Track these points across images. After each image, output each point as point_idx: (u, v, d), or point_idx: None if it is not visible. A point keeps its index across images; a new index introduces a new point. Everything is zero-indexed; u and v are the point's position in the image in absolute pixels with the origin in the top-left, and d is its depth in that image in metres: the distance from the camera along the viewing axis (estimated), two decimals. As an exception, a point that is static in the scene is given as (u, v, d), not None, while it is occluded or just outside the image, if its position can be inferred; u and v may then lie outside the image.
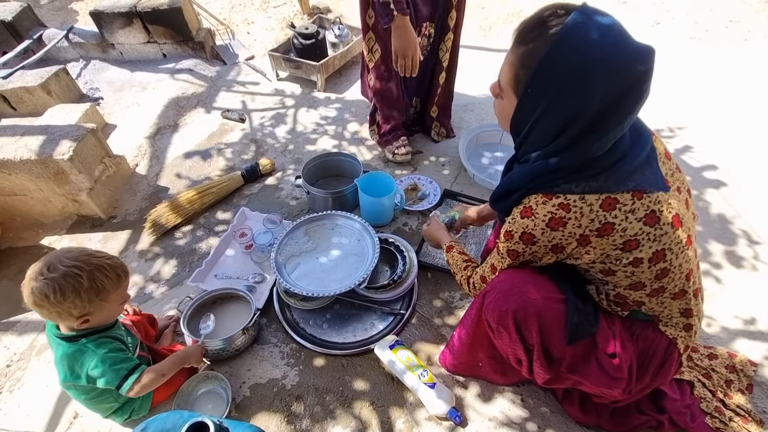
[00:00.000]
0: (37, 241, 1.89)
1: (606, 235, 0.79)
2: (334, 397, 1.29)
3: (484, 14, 3.33)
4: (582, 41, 0.67)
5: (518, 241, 0.88)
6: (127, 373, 1.06)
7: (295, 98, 2.58)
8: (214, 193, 1.92)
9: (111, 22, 2.77)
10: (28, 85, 2.43)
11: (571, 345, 0.92)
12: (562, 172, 0.78)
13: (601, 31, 0.67)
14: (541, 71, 0.71)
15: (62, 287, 0.94)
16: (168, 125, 2.43)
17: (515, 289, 0.93)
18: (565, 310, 0.90)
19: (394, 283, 1.44)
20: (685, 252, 0.83)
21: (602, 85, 0.68)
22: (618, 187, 0.77)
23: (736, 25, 3.01)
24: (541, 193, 0.81)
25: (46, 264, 0.96)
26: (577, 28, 0.68)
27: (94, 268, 0.99)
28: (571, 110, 0.71)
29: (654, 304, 0.90)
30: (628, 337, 0.95)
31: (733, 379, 1.24)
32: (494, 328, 0.99)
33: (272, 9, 3.59)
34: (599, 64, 0.67)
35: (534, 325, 0.91)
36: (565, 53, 0.68)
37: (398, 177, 1.99)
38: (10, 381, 1.42)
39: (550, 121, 0.75)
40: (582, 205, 0.78)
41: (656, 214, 0.78)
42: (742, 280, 1.57)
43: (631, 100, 0.70)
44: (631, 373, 0.94)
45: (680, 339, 0.95)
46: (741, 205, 1.84)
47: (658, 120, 2.30)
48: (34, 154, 1.71)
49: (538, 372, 0.98)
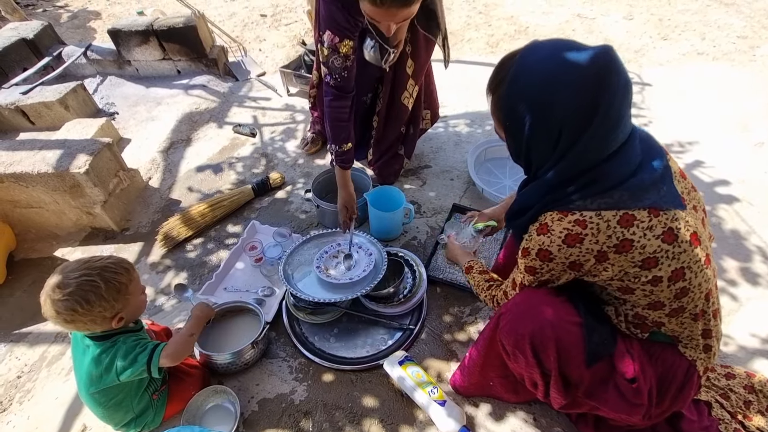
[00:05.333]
0: (50, 253, 1.92)
1: (625, 252, 0.78)
2: (342, 413, 1.27)
3: (491, 31, 3.38)
4: (530, 72, 0.76)
5: (535, 258, 0.87)
6: (154, 347, 1.11)
7: (304, 113, 2.62)
8: (225, 207, 1.94)
9: (128, 39, 2.85)
10: (46, 101, 2.50)
11: (590, 367, 0.89)
12: (575, 185, 0.79)
13: (544, 58, 0.75)
14: (509, 109, 0.81)
15: (85, 296, 0.97)
16: (181, 140, 2.48)
17: (531, 311, 0.92)
18: (583, 333, 0.88)
19: (405, 297, 1.43)
20: (704, 271, 0.82)
21: (566, 96, 0.73)
22: (635, 203, 0.77)
23: (744, 41, 3.02)
24: (557, 211, 0.82)
25: (56, 285, 0.98)
26: (524, 61, 0.77)
27: (101, 270, 1.02)
28: (553, 125, 0.75)
29: (674, 324, 0.88)
30: (647, 360, 0.92)
31: (752, 399, 1.20)
32: (510, 351, 0.97)
33: (284, 27, 3.69)
34: (552, 82, 0.73)
35: (552, 348, 0.89)
36: (521, 86, 0.77)
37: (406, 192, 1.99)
38: (20, 392, 1.43)
39: (541, 141, 0.79)
40: (599, 222, 0.78)
41: (674, 232, 0.77)
42: (759, 297, 1.54)
43: (605, 96, 0.72)
44: (651, 398, 0.91)
45: (699, 361, 0.93)
46: (755, 220, 1.82)
47: (668, 135, 2.29)
48: (51, 168, 1.74)
49: (554, 397, 0.96)
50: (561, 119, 0.74)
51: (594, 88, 0.71)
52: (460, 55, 3.09)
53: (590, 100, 0.71)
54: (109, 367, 1.07)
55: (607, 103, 0.72)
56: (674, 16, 3.39)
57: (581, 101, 0.72)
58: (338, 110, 1.50)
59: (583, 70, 0.71)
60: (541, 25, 3.42)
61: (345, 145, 1.54)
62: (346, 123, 1.53)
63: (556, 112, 0.74)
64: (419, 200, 1.98)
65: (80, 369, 1.10)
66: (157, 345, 1.11)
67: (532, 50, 0.78)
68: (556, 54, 0.74)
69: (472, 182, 2.00)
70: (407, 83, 1.77)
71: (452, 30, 3.37)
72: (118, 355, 1.07)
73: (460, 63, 2.99)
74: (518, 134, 0.81)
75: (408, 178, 2.09)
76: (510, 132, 0.84)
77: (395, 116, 1.86)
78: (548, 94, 0.74)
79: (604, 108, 0.72)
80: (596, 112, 0.72)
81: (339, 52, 1.40)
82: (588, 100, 0.71)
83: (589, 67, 0.71)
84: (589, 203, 0.78)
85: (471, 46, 3.22)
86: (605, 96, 0.71)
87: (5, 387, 1.45)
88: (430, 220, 1.89)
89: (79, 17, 4.23)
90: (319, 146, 2.29)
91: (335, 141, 1.53)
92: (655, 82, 2.71)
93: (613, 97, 0.72)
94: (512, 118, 0.81)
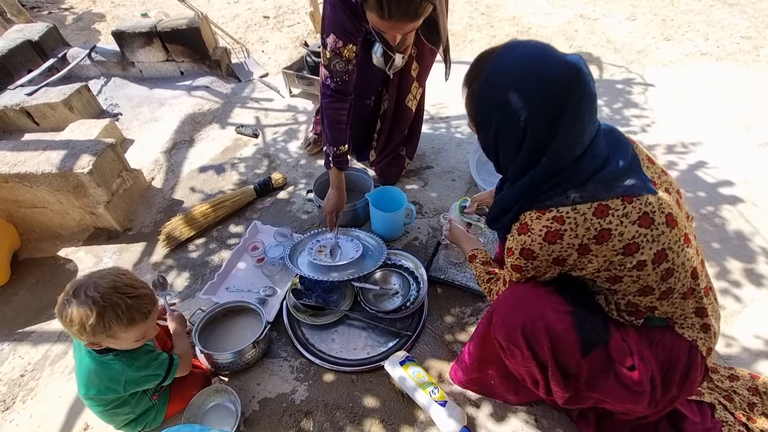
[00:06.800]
0: (54, 253, 1.93)
1: (604, 241, 0.81)
2: (343, 413, 1.27)
3: (493, 32, 3.38)
4: (504, 71, 0.79)
5: (519, 257, 0.90)
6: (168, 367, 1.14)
7: (307, 114, 2.63)
8: (227, 207, 1.95)
9: (132, 41, 2.87)
10: (51, 102, 2.51)
11: (586, 356, 0.90)
12: (549, 184, 0.82)
13: (519, 58, 0.78)
14: (480, 104, 0.85)
15: (72, 314, 0.96)
16: (184, 140, 2.49)
17: (520, 303, 0.94)
18: (573, 320, 0.89)
19: (406, 308, 1.43)
20: (685, 250, 0.85)
21: (533, 100, 0.76)
22: (607, 193, 0.80)
23: (748, 41, 3.01)
24: (535, 209, 0.85)
25: (78, 284, 0.99)
26: (498, 61, 0.80)
27: (109, 306, 0.96)
28: (518, 126, 0.79)
29: (666, 306, 0.90)
30: (647, 346, 0.92)
31: (756, 401, 1.19)
32: (505, 347, 0.98)
33: (286, 28, 3.70)
34: (522, 85, 0.76)
35: (545, 338, 0.90)
36: (493, 85, 0.80)
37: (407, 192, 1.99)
38: (23, 391, 1.43)
39: (507, 139, 0.83)
40: (575, 216, 0.80)
41: (649, 216, 0.80)
42: (763, 298, 1.53)
43: (572, 105, 0.75)
44: (655, 385, 0.91)
45: (700, 341, 0.93)
46: (759, 221, 1.80)
47: (671, 136, 2.28)
48: (55, 168, 1.76)
49: (556, 391, 0.96)
50: (525, 121, 0.77)
51: (560, 97, 0.75)
52: (462, 56, 3.09)
53: (556, 108, 0.75)
54: (112, 387, 1.07)
55: (572, 113, 0.76)
56: (677, 17, 3.37)
57: (547, 109, 0.76)
58: (337, 112, 1.51)
59: (552, 80, 0.75)
60: (543, 26, 3.41)
61: (342, 147, 1.55)
62: (344, 125, 1.54)
63: (522, 114, 0.77)
64: (421, 201, 1.98)
65: (80, 371, 1.09)
66: (170, 365, 1.15)
67: (508, 50, 0.80)
68: (530, 59, 0.77)
69: (473, 183, 2.00)
70: (411, 86, 1.78)
71: (454, 31, 3.37)
72: (124, 374, 1.07)
73: (462, 64, 2.98)
74: (487, 130, 0.85)
75: (410, 179, 2.09)
76: (480, 127, 0.88)
77: (400, 119, 1.87)
78: (517, 97, 0.77)
79: (568, 117, 0.75)
80: (560, 120, 0.76)
81: (342, 56, 1.41)
82: (553, 108, 0.75)
83: (557, 78, 0.74)
84: (564, 199, 0.81)
85: (473, 47, 3.22)
86: (569, 107, 0.75)
87: (9, 386, 1.45)
88: (431, 220, 1.89)
89: (84, 19, 4.26)
90: (320, 147, 2.30)
91: (333, 143, 1.54)
92: (658, 82, 2.70)
93: (577, 108, 0.76)
94: (482, 114, 0.85)
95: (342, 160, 1.58)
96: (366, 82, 1.69)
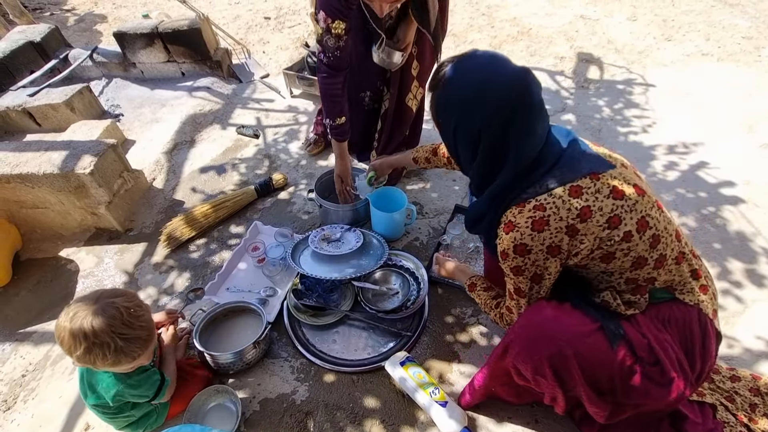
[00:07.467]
0: (55, 253, 1.93)
1: (588, 218, 0.84)
2: (344, 414, 1.27)
3: (494, 32, 3.38)
4: (460, 79, 0.86)
5: (514, 256, 0.90)
6: (159, 387, 1.13)
7: (308, 115, 2.63)
8: (228, 207, 1.95)
9: (133, 42, 2.88)
10: (53, 102, 2.52)
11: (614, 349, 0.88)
12: (516, 183, 0.88)
13: (474, 68, 0.85)
14: (439, 108, 0.93)
15: (63, 338, 0.96)
16: (185, 141, 2.49)
17: (543, 334, 0.91)
18: (601, 336, 0.88)
19: (407, 308, 1.43)
20: (663, 214, 0.90)
21: (486, 108, 0.83)
22: (575, 174, 0.85)
23: (749, 41, 3.00)
24: (514, 205, 0.88)
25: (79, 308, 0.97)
26: (456, 69, 0.87)
27: (98, 345, 0.95)
28: (473, 130, 0.86)
29: (664, 275, 0.91)
30: (662, 329, 0.91)
31: (758, 402, 1.19)
32: (531, 378, 0.96)
33: (287, 29, 3.70)
34: (475, 93, 0.84)
35: (574, 366, 0.88)
36: (450, 91, 0.88)
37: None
38: (24, 391, 1.44)
39: (464, 142, 0.90)
40: (553, 200, 0.85)
41: (618, 188, 0.85)
42: (765, 299, 1.52)
43: (523, 112, 0.83)
44: (683, 366, 0.90)
45: (702, 304, 0.94)
46: (760, 222, 1.80)
47: (672, 136, 2.28)
48: (57, 169, 1.76)
49: (595, 412, 0.94)
50: (479, 127, 0.85)
51: (509, 107, 0.82)
52: (463, 57, 3.09)
53: (505, 117, 0.83)
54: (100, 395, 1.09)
55: (521, 119, 0.83)
56: (678, 17, 3.37)
57: (497, 117, 0.83)
58: (332, 86, 1.57)
59: (501, 92, 0.82)
60: (544, 27, 3.41)
61: (339, 119, 1.61)
62: (339, 98, 1.60)
63: (476, 121, 0.85)
64: (421, 201, 1.98)
65: (79, 377, 1.10)
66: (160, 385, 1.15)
67: (467, 59, 0.88)
68: (483, 72, 0.84)
69: (474, 183, 2.00)
70: (412, 85, 1.78)
71: (455, 32, 3.37)
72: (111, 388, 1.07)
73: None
74: (447, 132, 0.93)
75: (410, 179, 2.09)
76: (441, 129, 0.96)
77: (401, 119, 1.87)
78: (471, 105, 0.85)
79: (518, 123, 0.83)
80: (510, 126, 0.83)
81: (331, 32, 1.45)
82: (503, 117, 0.83)
83: (506, 90, 0.82)
84: (538, 188, 0.86)
85: (474, 47, 3.22)
86: (517, 115, 0.83)
87: (10, 386, 1.46)
88: (432, 221, 1.89)
89: (86, 20, 4.27)
90: (321, 147, 2.30)
91: (329, 115, 1.61)
92: (659, 83, 2.70)
93: (526, 115, 0.83)
94: (443, 117, 0.93)
95: (340, 131, 1.64)
96: (364, 74, 1.73)
